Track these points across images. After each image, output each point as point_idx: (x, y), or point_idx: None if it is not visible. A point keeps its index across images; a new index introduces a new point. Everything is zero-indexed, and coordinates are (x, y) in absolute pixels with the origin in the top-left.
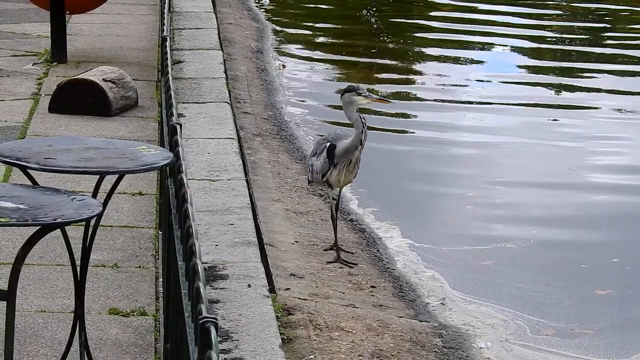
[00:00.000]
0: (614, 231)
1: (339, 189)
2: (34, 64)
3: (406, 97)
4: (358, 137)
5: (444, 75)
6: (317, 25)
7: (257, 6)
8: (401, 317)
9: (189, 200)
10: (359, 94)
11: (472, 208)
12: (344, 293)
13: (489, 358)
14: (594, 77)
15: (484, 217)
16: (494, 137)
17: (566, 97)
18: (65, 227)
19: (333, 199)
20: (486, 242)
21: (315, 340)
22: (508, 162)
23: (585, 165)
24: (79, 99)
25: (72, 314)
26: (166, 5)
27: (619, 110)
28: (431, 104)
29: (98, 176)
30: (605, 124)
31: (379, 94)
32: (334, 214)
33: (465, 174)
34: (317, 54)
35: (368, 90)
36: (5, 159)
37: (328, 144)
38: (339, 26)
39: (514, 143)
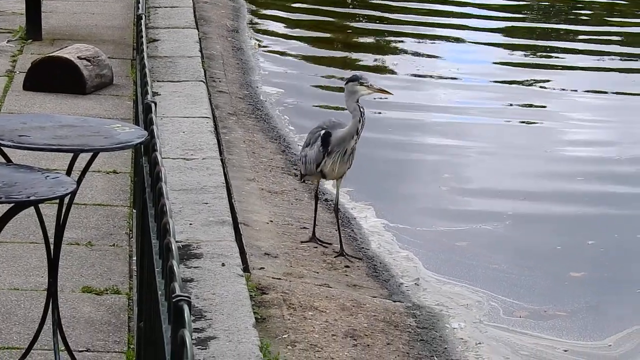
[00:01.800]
0: (589, 214)
1: (334, 181)
2: (8, 41)
3: (381, 84)
4: (355, 126)
5: (420, 54)
6: (293, 5)
7: None
8: (375, 297)
9: (163, 178)
10: (362, 84)
11: (448, 189)
12: (318, 272)
13: (462, 338)
14: (568, 57)
15: (459, 198)
16: (469, 119)
17: (541, 77)
18: (39, 205)
19: (317, 191)
20: (461, 223)
21: (289, 319)
22: (483, 145)
23: (561, 148)
24: (53, 77)
25: (45, 292)
26: None
27: (594, 91)
28: (406, 84)
29: (72, 154)
30: (580, 105)
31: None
32: (336, 215)
33: (440, 155)
34: (293, 33)
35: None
36: None
37: (323, 132)
38: (315, 6)
39: (489, 125)
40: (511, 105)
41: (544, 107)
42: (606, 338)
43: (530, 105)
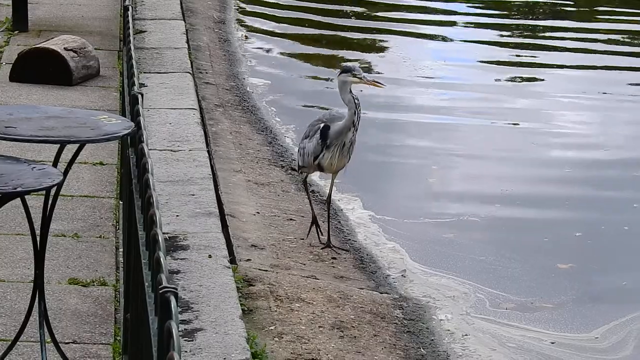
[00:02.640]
0: (576, 205)
1: (331, 179)
2: None
3: (368, 71)
4: (351, 119)
5: (408, 51)
6: None
7: None
8: (362, 288)
9: (149, 170)
10: (354, 75)
11: (435, 181)
12: (304, 264)
13: (449, 330)
14: (554, 54)
15: (447, 190)
16: (456, 112)
17: (527, 74)
18: (25, 196)
19: (306, 182)
20: (448, 215)
21: (276, 311)
22: (470, 137)
23: (548, 139)
24: (40, 68)
25: (32, 284)
26: None
27: (579, 86)
28: (393, 79)
29: (59, 145)
30: (565, 100)
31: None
32: (327, 207)
33: (428, 147)
34: (280, 25)
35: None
36: None
37: (322, 125)
38: None
39: (476, 118)
40: (498, 99)
41: (532, 102)
42: (593, 330)
43: (517, 99)
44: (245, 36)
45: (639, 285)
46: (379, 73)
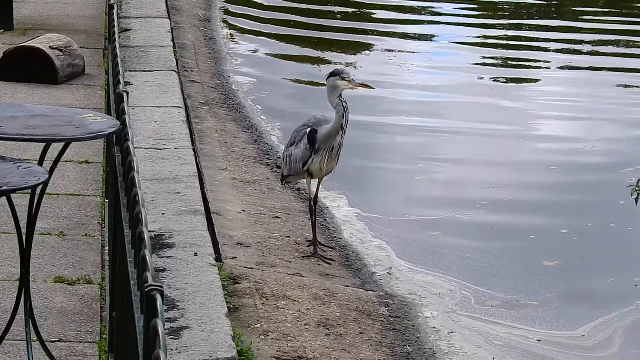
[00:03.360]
0: (564, 202)
1: (318, 180)
2: None
3: (354, 70)
4: (339, 122)
5: (393, 51)
6: None
7: None
8: (348, 286)
9: (135, 168)
10: (343, 79)
11: (421, 179)
12: (290, 262)
13: (435, 327)
14: (540, 53)
15: (433, 187)
16: (442, 113)
17: (512, 74)
18: (11, 195)
19: (307, 193)
20: (434, 213)
21: (262, 309)
22: (456, 137)
23: (533, 138)
24: (25, 67)
25: (18, 282)
26: None
27: (565, 85)
28: (378, 79)
29: (44, 144)
30: (553, 96)
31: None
32: (314, 208)
33: (414, 147)
34: (266, 24)
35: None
36: None
37: (309, 130)
38: None
39: (461, 119)
40: (485, 97)
41: (518, 100)
42: (579, 328)
43: (503, 96)
44: (231, 34)
45: (625, 282)
46: (365, 72)
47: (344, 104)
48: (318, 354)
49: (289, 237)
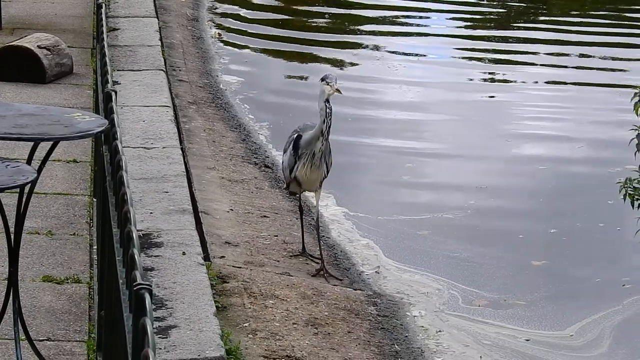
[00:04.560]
0: (552, 202)
1: (315, 198)
2: None
3: (341, 67)
4: (319, 127)
5: (380, 49)
6: None
7: None
8: (336, 285)
9: (123, 167)
10: (327, 83)
11: (409, 178)
12: (278, 261)
13: (422, 326)
14: (528, 52)
15: (421, 187)
16: (430, 110)
17: (501, 69)
18: None
19: (300, 206)
20: (423, 212)
21: (250, 308)
22: (446, 134)
23: (521, 137)
24: (13, 66)
25: (6, 281)
26: None
27: (553, 82)
28: (366, 77)
29: (32, 143)
30: (540, 96)
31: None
32: (316, 233)
33: (402, 145)
34: (254, 23)
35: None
36: None
37: (295, 136)
38: None
39: (450, 115)
40: (472, 97)
41: (506, 99)
42: (567, 327)
43: (491, 96)
44: (219, 34)
45: (613, 282)
46: (353, 70)
47: (327, 110)
48: (306, 353)
49: (277, 236)
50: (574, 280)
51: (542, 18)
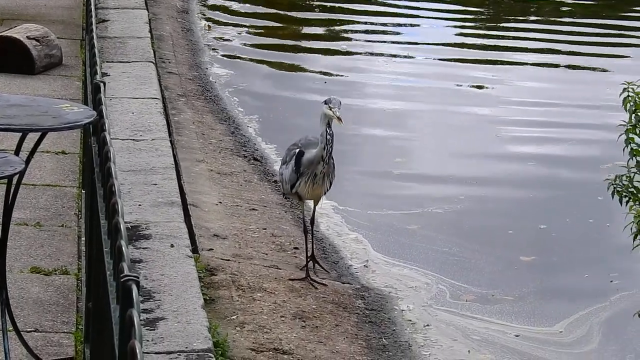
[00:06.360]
0: (541, 198)
1: (313, 203)
2: None
3: (331, 66)
4: (319, 153)
5: (370, 44)
6: None
7: None
8: (324, 278)
9: (112, 158)
10: (330, 108)
11: (400, 173)
12: (267, 254)
13: (410, 320)
14: (518, 47)
15: (411, 182)
16: (422, 105)
17: (491, 66)
18: None
19: (300, 213)
20: (412, 207)
21: (238, 300)
22: (435, 129)
23: (512, 133)
24: (2, 57)
25: None
26: None
27: (543, 83)
28: (357, 72)
29: (21, 134)
30: (530, 93)
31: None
32: (310, 228)
33: (392, 140)
34: (243, 15)
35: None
36: None
37: (297, 151)
38: None
39: (440, 110)
40: (462, 93)
41: (496, 95)
42: (556, 324)
43: (481, 87)
44: (209, 26)
45: (602, 278)
46: (342, 67)
47: (328, 137)
48: (294, 346)
49: (265, 229)
50: (563, 276)
51: (532, 18)
